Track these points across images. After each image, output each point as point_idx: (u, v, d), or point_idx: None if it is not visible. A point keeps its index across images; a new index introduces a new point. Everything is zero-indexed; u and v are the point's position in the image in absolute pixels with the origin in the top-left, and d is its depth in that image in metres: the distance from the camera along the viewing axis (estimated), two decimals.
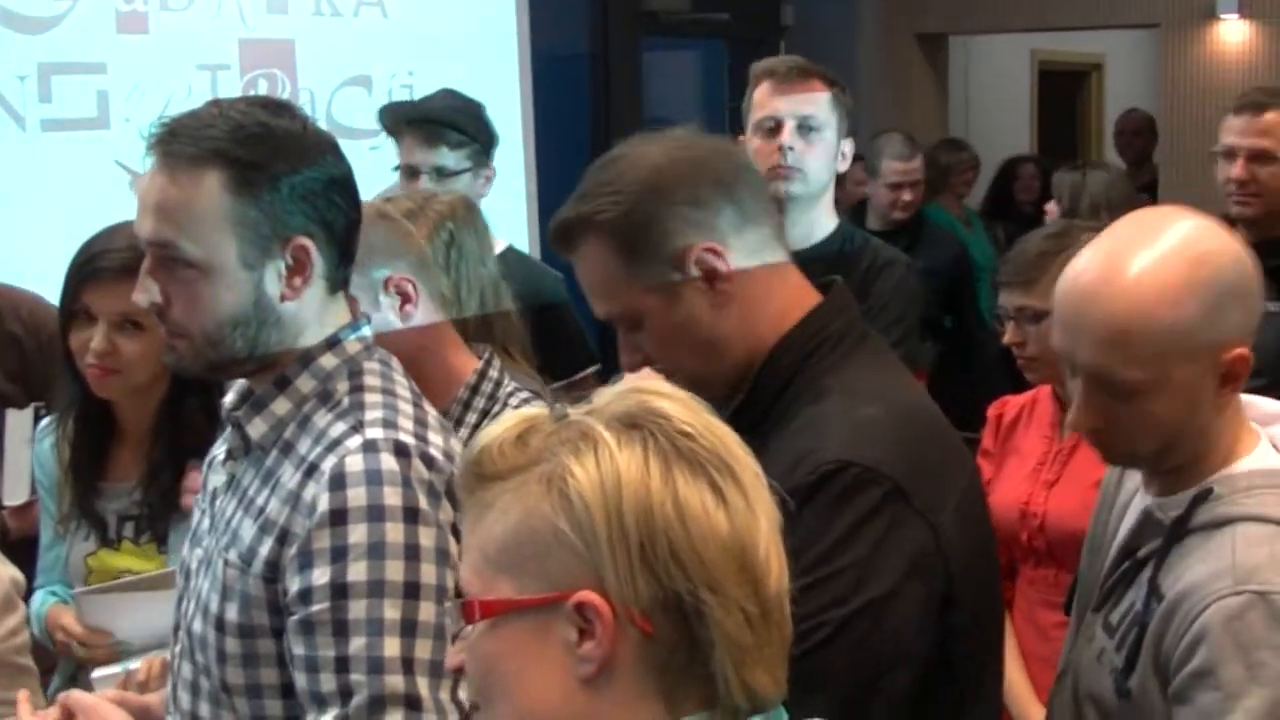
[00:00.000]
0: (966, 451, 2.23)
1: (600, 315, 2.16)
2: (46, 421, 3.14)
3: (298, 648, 2.00)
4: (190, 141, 2.05)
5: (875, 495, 1.97)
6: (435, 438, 2.12)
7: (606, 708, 1.42)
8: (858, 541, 1.96)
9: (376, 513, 1.99)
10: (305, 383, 2.13)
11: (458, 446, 2.14)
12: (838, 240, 3.87)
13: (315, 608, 1.98)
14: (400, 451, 2.04)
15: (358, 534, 1.98)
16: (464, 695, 1.99)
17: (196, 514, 2.29)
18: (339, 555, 1.98)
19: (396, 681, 1.97)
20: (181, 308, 2.08)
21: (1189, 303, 2.03)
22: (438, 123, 4.13)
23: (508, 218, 3.52)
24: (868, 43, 9.10)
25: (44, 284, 3.66)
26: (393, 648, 1.97)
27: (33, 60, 5.08)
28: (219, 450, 2.27)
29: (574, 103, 7.79)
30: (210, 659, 2.10)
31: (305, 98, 5.55)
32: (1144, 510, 2.20)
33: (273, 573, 2.04)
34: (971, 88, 10.42)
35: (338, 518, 1.99)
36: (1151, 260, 2.04)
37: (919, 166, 6.14)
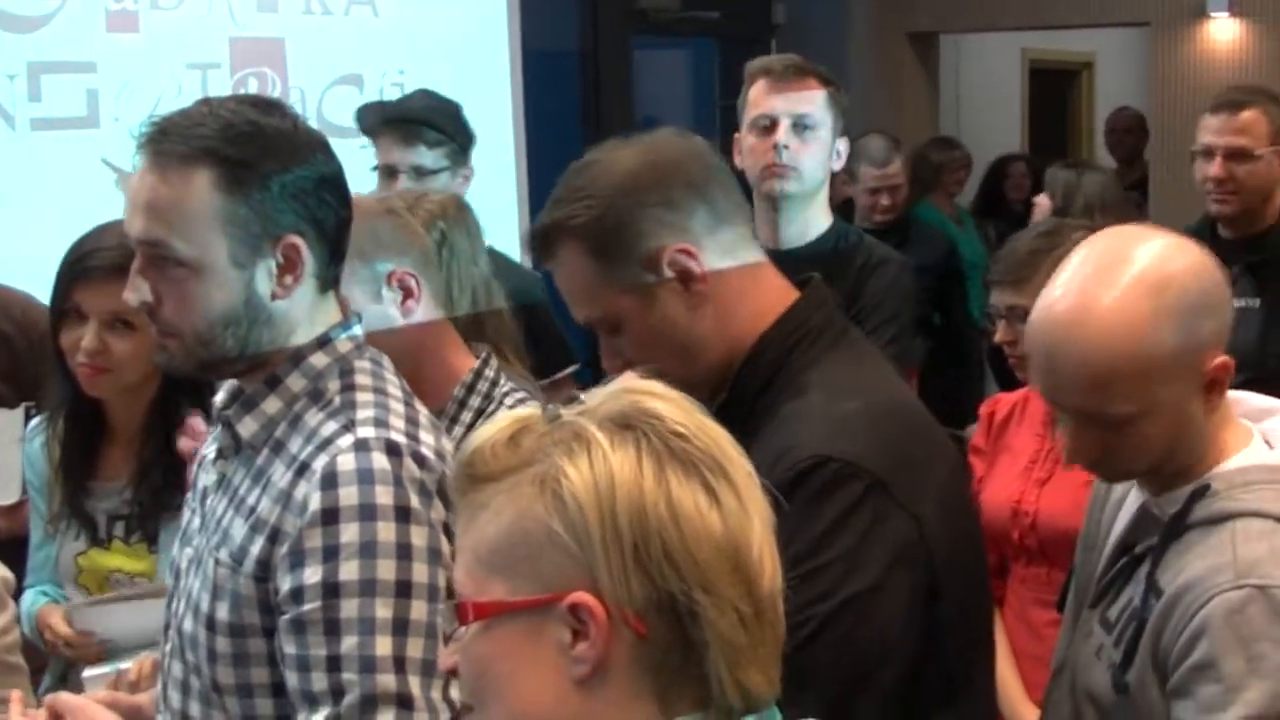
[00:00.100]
0: (949, 444, 2.24)
1: (580, 320, 2.17)
2: (37, 421, 3.13)
3: (289, 647, 2.00)
4: (181, 140, 2.04)
5: (856, 489, 1.99)
6: (427, 436, 2.12)
7: (600, 709, 1.42)
8: (841, 536, 1.97)
9: (368, 512, 1.99)
10: (296, 381, 2.13)
11: (449, 445, 2.15)
12: (832, 238, 3.87)
13: (307, 607, 1.98)
14: (392, 450, 2.04)
15: (349, 533, 1.98)
16: (455, 694, 1.99)
17: (187, 513, 2.29)
18: (331, 554, 1.98)
19: (388, 680, 1.97)
20: (172, 307, 2.08)
21: (1161, 330, 2.04)
22: (415, 122, 4.12)
23: (498, 217, 3.52)
24: (859, 41, 9.09)
25: (34, 283, 3.65)
26: (384, 647, 1.97)
27: (22, 59, 5.07)
28: (209, 449, 2.27)
29: (564, 101, 7.78)
30: (201, 658, 2.10)
31: (296, 96, 5.54)
32: (1140, 507, 2.22)
33: (264, 572, 2.04)
34: (962, 86, 10.42)
35: (329, 517, 1.99)
36: (1116, 296, 2.05)
37: (897, 170, 6.08)
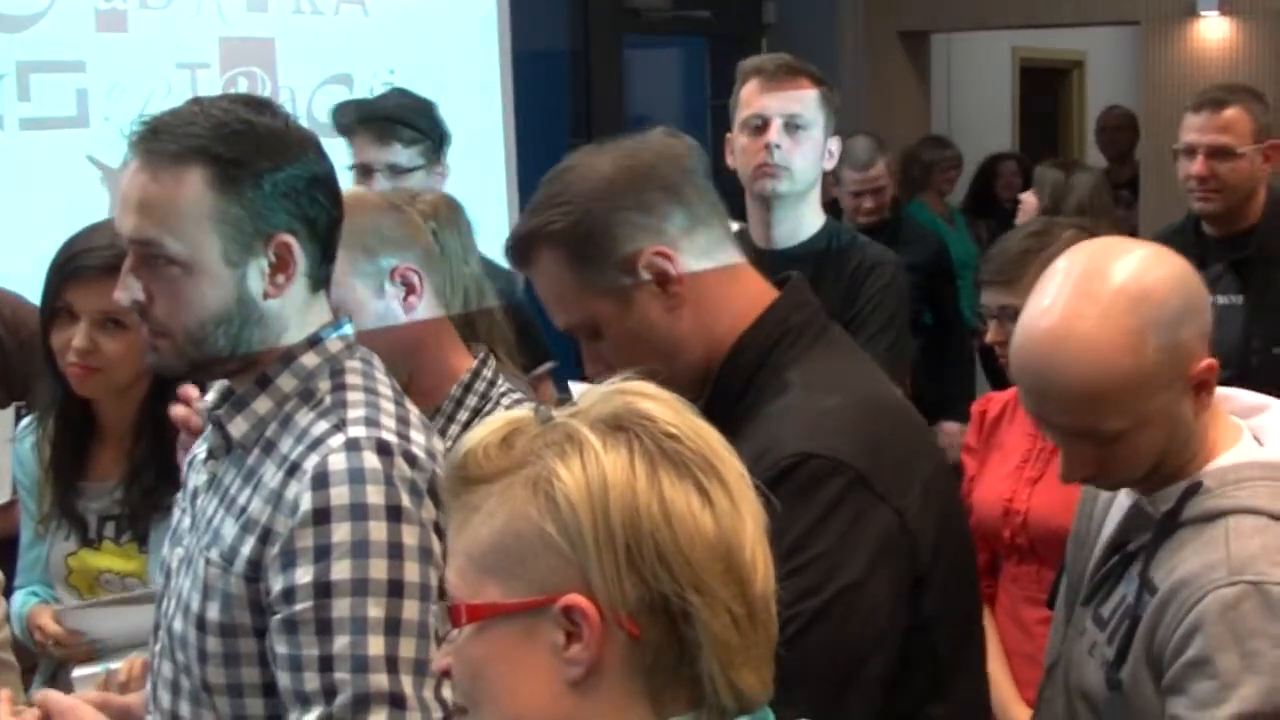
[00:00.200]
0: (932, 438, 2.26)
1: (560, 327, 2.18)
2: (27, 421, 3.13)
3: (281, 647, 2.00)
4: (172, 139, 2.04)
5: (838, 485, 2.00)
6: (417, 436, 2.11)
7: (594, 710, 1.42)
8: (825, 532, 1.98)
9: (359, 511, 1.99)
10: (286, 381, 2.12)
11: (439, 445, 2.15)
12: (825, 237, 3.88)
13: (299, 607, 1.98)
14: (383, 450, 2.04)
15: (341, 533, 1.98)
16: (448, 694, 1.99)
17: (177, 513, 2.29)
18: (322, 554, 1.98)
19: (381, 680, 1.96)
20: (164, 305, 2.07)
21: (1146, 344, 2.05)
22: (390, 120, 4.12)
23: (489, 215, 3.52)
24: (849, 40, 9.08)
25: (24, 283, 3.65)
26: (377, 646, 1.97)
27: (11, 59, 5.05)
28: (200, 449, 2.27)
29: (555, 101, 7.78)
30: (191, 658, 2.10)
31: (286, 96, 5.52)
32: (1133, 504, 2.23)
33: (254, 572, 2.03)
34: (953, 85, 10.42)
35: (320, 516, 1.99)
36: (1097, 315, 2.05)
37: (880, 173, 6.05)
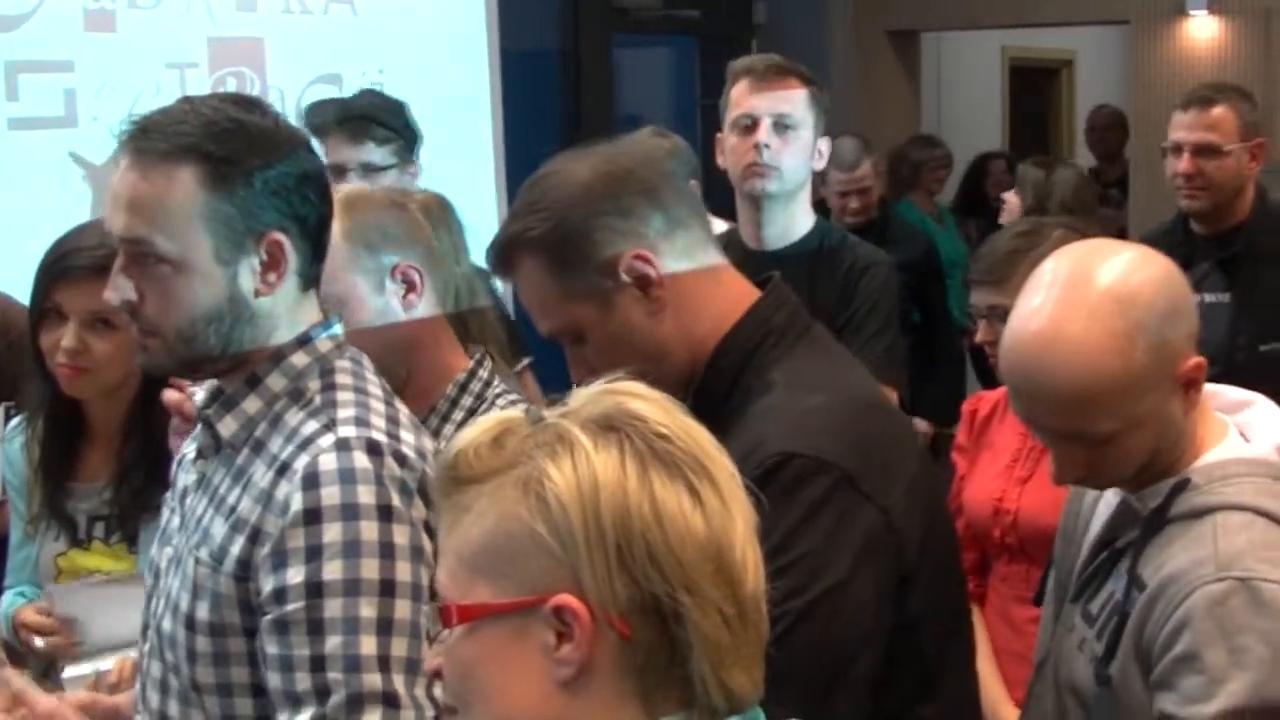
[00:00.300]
0: (916, 436, 2.27)
1: (544, 332, 2.19)
2: (16, 421, 3.12)
3: (272, 647, 2.00)
4: (163, 137, 2.04)
5: (823, 484, 2.01)
6: (407, 435, 2.12)
7: (585, 710, 1.42)
8: (810, 531, 1.99)
9: (350, 511, 1.99)
10: (276, 381, 2.12)
11: (429, 444, 2.15)
12: (816, 238, 3.88)
13: (290, 607, 1.98)
14: (373, 449, 2.04)
15: (332, 533, 1.98)
16: (438, 693, 1.99)
17: (165, 513, 2.29)
18: (314, 554, 1.97)
19: (375, 680, 1.96)
20: (155, 305, 2.07)
21: (1134, 346, 2.05)
22: (363, 119, 4.11)
23: (478, 215, 3.51)
24: (839, 40, 9.09)
25: (13, 283, 3.64)
26: (369, 646, 1.97)
27: None
28: (189, 449, 2.27)
29: (545, 100, 7.77)
30: (180, 657, 2.10)
31: (275, 96, 5.51)
32: (1121, 501, 2.24)
33: (244, 571, 2.03)
34: (943, 84, 10.43)
35: (312, 516, 1.98)
36: (1086, 317, 2.06)
37: (866, 173, 6.07)
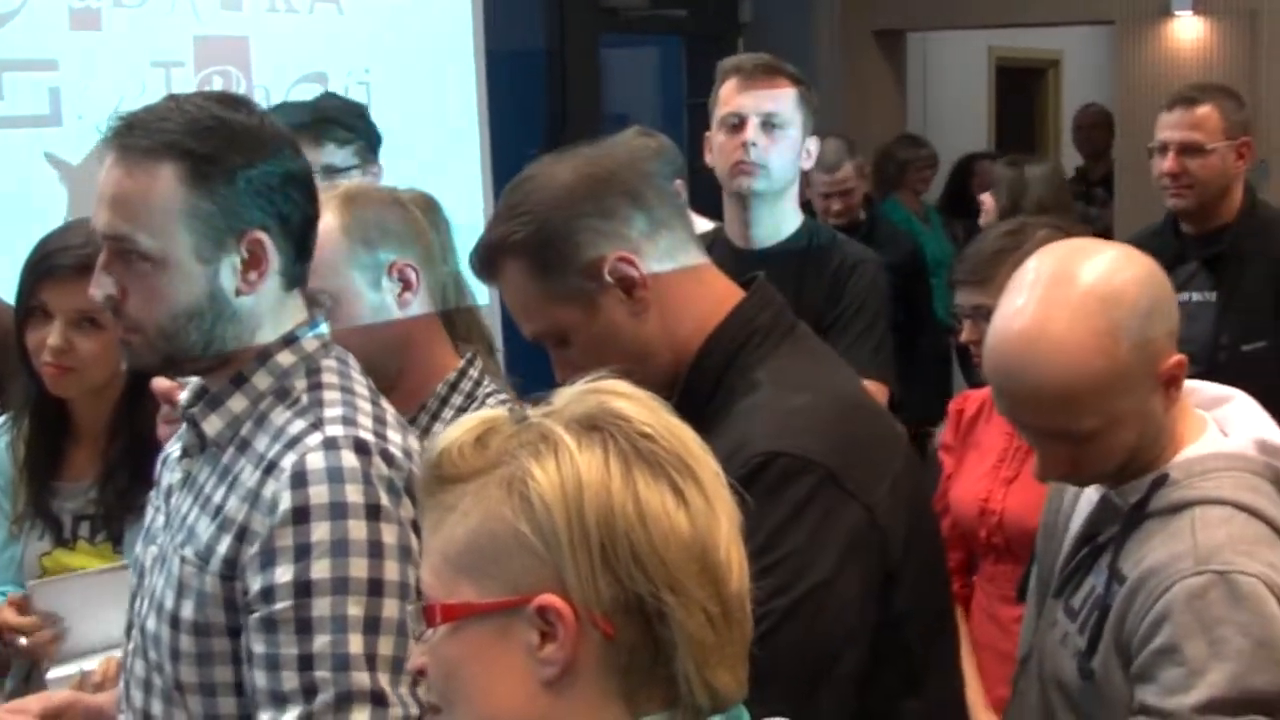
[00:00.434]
0: (901, 435, 2.28)
1: (528, 335, 2.19)
2: (2, 421, 3.11)
3: (259, 645, 1.99)
4: (146, 135, 2.04)
5: (807, 483, 2.01)
6: (394, 435, 2.12)
7: (569, 710, 1.42)
8: (794, 530, 1.99)
9: (339, 510, 1.99)
10: (262, 380, 2.12)
11: (415, 444, 2.14)
12: (804, 237, 3.89)
13: (278, 605, 1.98)
14: (360, 449, 2.04)
15: (320, 531, 1.98)
16: (422, 692, 1.99)
17: (150, 511, 2.29)
18: (302, 553, 1.97)
19: (362, 678, 1.96)
20: (136, 301, 2.07)
21: (1117, 345, 2.07)
22: (323, 121, 4.10)
23: (465, 215, 3.50)
24: (825, 39, 9.09)
25: None
26: (357, 645, 1.97)
27: None
28: (174, 448, 2.27)
29: (531, 100, 7.77)
30: (164, 656, 2.10)
31: (260, 95, 5.49)
32: (1102, 498, 2.27)
33: (231, 570, 2.03)
34: (929, 84, 10.44)
35: (300, 515, 1.98)
36: (1068, 318, 2.08)
37: (848, 174, 6.08)
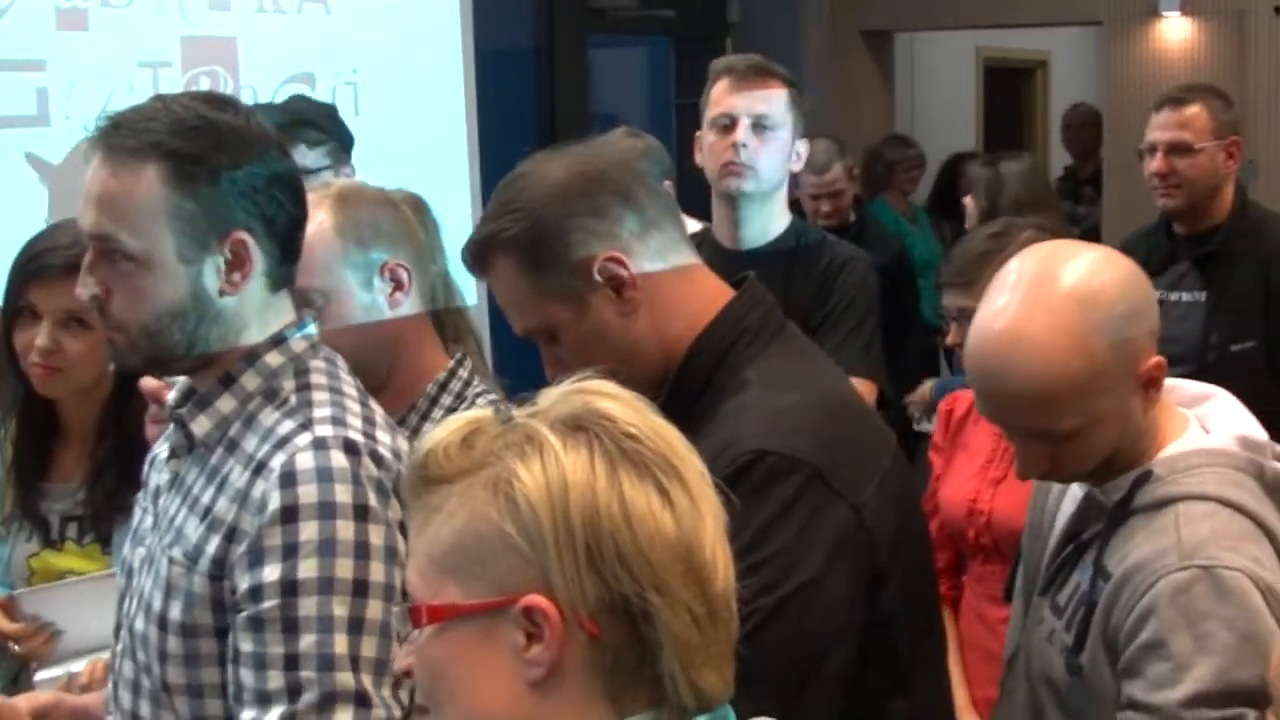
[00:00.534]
0: (889, 435, 2.28)
1: (519, 331, 2.19)
2: None
3: (245, 644, 1.99)
4: (131, 134, 2.05)
5: (795, 482, 2.01)
6: (383, 436, 2.12)
7: (555, 711, 1.42)
8: (782, 529, 2.00)
9: (328, 510, 1.99)
10: (250, 380, 2.12)
11: (404, 445, 2.14)
12: (793, 237, 3.90)
13: (265, 604, 1.97)
14: (350, 449, 2.04)
15: (309, 531, 1.98)
16: (404, 693, 2.00)
17: (138, 512, 2.28)
18: (290, 552, 1.98)
19: (347, 679, 1.96)
20: (120, 301, 2.07)
21: (1096, 345, 2.08)
22: (295, 123, 4.10)
23: (453, 215, 3.50)
24: (813, 39, 9.10)
25: None
26: (342, 645, 1.97)
27: None
28: (162, 449, 2.26)
29: (520, 100, 7.76)
30: (152, 658, 2.10)
31: (248, 95, 5.48)
32: (1086, 495, 2.28)
33: (219, 570, 2.03)
34: (917, 85, 10.45)
35: (289, 515, 1.98)
36: (1048, 318, 2.09)
37: (837, 176, 6.09)
